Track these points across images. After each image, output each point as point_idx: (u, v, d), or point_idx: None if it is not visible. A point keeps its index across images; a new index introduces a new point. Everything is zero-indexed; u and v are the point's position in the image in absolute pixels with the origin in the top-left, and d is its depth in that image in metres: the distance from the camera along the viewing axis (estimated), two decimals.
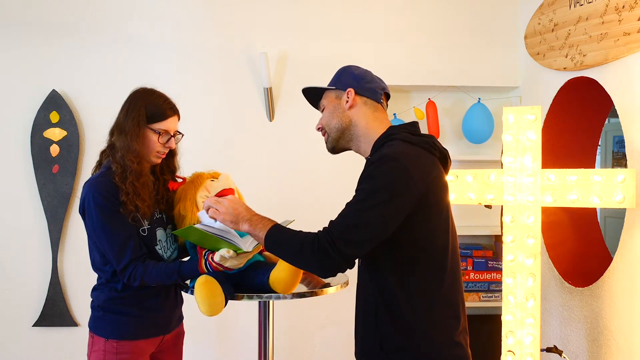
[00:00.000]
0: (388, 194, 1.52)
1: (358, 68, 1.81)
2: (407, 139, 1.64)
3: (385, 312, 1.61)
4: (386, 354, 1.61)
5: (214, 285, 1.80)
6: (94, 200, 1.91)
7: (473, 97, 3.50)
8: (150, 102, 1.99)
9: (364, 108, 1.74)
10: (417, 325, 1.59)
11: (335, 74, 1.81)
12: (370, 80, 1.78)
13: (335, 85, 1.78)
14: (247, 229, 1.68)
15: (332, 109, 1.77)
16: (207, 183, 2.06)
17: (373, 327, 1.63)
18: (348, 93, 1.74)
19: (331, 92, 1.79)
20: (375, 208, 1.52)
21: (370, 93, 1.76)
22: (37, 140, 3.17)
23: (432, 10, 3.39)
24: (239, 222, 1.69)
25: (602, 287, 2.46)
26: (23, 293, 3.19)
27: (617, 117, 2.42)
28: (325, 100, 1.80)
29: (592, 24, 2.53)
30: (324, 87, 1.80)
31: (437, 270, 1.61)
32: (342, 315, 3.27)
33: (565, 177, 2.27)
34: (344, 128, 1.75)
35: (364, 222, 1.52)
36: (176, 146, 2.12)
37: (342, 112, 1.75)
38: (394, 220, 1.54)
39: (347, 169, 2.99)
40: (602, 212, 5.42)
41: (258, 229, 1.65)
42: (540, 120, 2.32)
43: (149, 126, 1.97)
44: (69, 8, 3.21)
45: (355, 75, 1.77)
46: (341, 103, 1.75)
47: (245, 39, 3.29)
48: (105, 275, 2.01)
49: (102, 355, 1.97)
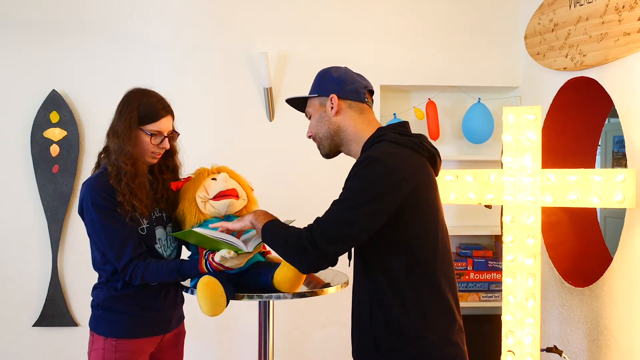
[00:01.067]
0: (371, 194, 1.54)
1: (337, 70, 1.78)
2: (395, 140, 1.64)
3: (379, 313, 1.61)
4: (381, 354, 1.61)
5: (216, 285, 1.80)
6: (92, 201, 1.92)
7: (473, 97, 3.50)
8: (142, 102, 1.97)
9: (350, 112, 1.73)
10: (411, 325, 1.59)
11: (315, 80, 1.79)
12: (351, 82, 1.75)
13: (318, 92, 1.76)
14: (250, 219, 1.78)
15: (319, 117, 1.76)
16: (206, 183, 2.02)
17: (368, 328, 1.64)
18: (332, 99, 1.72)
19: (315, 99, 1.77)
20: (358, 207, 1.54)
21: (353, 95, 1.74)
22: (37, 140, 3.17)
23: (432, 10, 3.39)
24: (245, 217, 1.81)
25: (602, 287, 2.46)
26: (23, 293, 3.19)
27: (617, 117, 2.42)
28: (310, 108, 1.80)
29: (592, 24, 2.53)
30: (305, 97, 1.80)
31: (428, 270, 1.61)
32: (342, 315, 3.26)
33: (565, 177, 2.27)
34: (332, 134, 1.75)
35: (346, 220, 1.54)
36: (175, 145, 2.12)
37: (329, 119, 1.74)
38: (377, 219, 1.55)
39: (347, 169, 2.99)
40: (602, 212, 5.42)
41: (259, 221, 1.74)
42: (540, 120, 2.32)
43: (141, 128, 1.96)
44: (69, 8, 3.21)
45: (335, 79, 1.74)
46: (326, 110, 1.74)
47: (245, 39, 3.29)
48: (105, 274, 2.01)
49: (101, 353, 1.97)
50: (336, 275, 2.15)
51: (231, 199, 2.01)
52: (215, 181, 2.02)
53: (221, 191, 2.00)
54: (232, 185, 2.04)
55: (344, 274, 2.16)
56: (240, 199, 2.05)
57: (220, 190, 2.00)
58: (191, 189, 2.02)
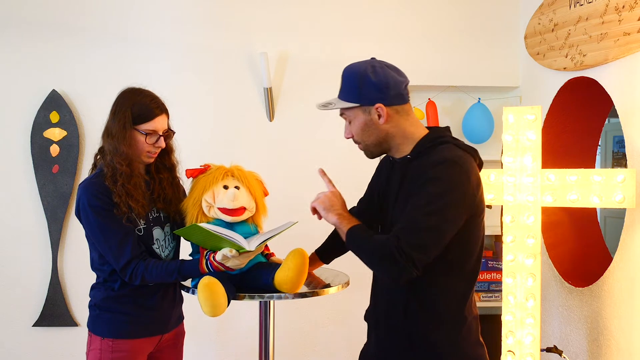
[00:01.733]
0: (453, 198, 1.53)
1: (374, 72, 1.65)
2: (457, 143, 1.65)
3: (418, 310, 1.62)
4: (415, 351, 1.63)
5: (217, 286, 1.79)
6: (89, 202, 1.91)
7: (473, 97, 3.50)
8: (136, 102, 1.96)
9: (397, 117, 1.67)
10: (451, 323, 1.62)
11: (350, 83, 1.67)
12: (393, 86, 1.66)
13: (359, 101, 1.66)
14: (334, 220, 1.70)
15: (364, 125, 1.67)
16: (216, 188, 1.95)
17: (400, 324, 1.64)
18: (378, 109, 1.64)
19: (356, 107, 1.67)
20: (442, 211, 1.52)
21: (398, 100, 1.67)
22: (37, 140, 3.17)
23: (432, 10, 3.39)
24: (329, 212, 1.72)
25: (602, 287, 2.46)
26: (23, 293, 3.19)
27: (617, 117, 2.42)
28: (350, 113, 1.69)
29: (592, 24, 2.53)
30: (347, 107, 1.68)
31: (470, 271, 1.65)
32: (342, 315, 3.26)
33: (565, 177, 2.27)
34: (381, 141, 1.69)
35: (431, 226, 1.51)
36: (171, 143, 2.10)
37: (377, 127, 1.67)
38: (458, 223, 1.55)
39: (347, 168, 3.00)
40: (602, 212, 5.41)
41: (343, 225, 1.67)
42: (540, 120, 2.32)
43: (135, 127, 1.95)
44: (68, 8, 3.20)
45: (376, 86, 1.64)
46: (372, 119, 1.66)
47: (245, 39, 3.29)
48: (103, 274, 2.01)
49: (99, 354, 1.97)
50: (337, 276, 2.15)
51: (236, 217, 1.96)
52: (225, 191, 1.95)
53: (227, 208, 1.94)
54: (239, 204, 1.96)
55: (345, 274, 2.16)
56: (247, 212, 1.99)
57: (226, 207, 1.94)
58: (200, 188, 1.97)
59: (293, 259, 1.82)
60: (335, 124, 3.36)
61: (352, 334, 3.24)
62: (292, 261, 1.82)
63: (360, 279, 2.23)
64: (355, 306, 2.95)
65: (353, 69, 1.69)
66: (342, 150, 3.33)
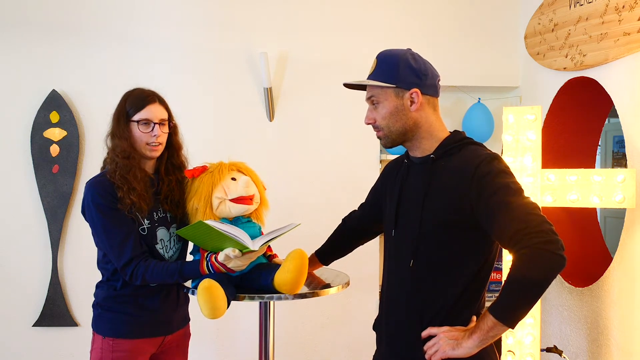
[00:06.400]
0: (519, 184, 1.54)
1: (414, 58, 1.62)
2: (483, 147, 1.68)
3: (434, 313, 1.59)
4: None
5: (217, 289, 1.78)
6: (93, 200, 1.93)
7: (473, 97, 3.50)
8: (129, 97, 2.01)
9: (427, 108, 1.64)
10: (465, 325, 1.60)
11: (388, 64, 1.62)
12: (431, 76, 1.63)
13: (396, 82, 1.59)
14: (476, 342, 1.48)
15: (394, 109, 1.61)
16: (225, 183, 1.95)
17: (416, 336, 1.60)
18: (413, 94, 1.60)
19: (390, 89, 1.61)
20: (524, 194, 1.51)
21: (432, 90, 1.64)
22: (37, 140, 3.17)
23: (432, 10, 3.39)
24: (463, 341, 1.49)
25: (602, 287, 2.46)
26: (23, 293, 3.19)
27: (617, 117, 2.42)
28: (379, 95, 1.62)
29: (592, 24, 2.53)
30: (383, 86, 1.61)
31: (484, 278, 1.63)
32: (342, 316, 3.26)
33: (565, 177, 2.28)
34: (407, 130, 1.63)
35: (534, 206, 1.48)
36: (179, 140, 2.11)
37: (407, 114, 1.61)
38: None
39: (347, 169, 3.00)
40: (602, 212, 5.41)
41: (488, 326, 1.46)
42: (540, 120, 2.32)
43: (130, 120, 1.98)
44: (69, 8, 3.20)
45: (416, 71, 1.60)
46: (404, 103, 1.61)
47: (245, 39, 3.29)
48: (106, 273, 2.02)
49: (100, 353, 1.98)
50: (337, 276, 2.15)
51: (249, 206, 1.97)
52: (235, 182, 1.96)
53: (242, 196, 1.95)
54: (252, 191, 1.98)
55: (345, 274, 2.16)
56: (254, 203, 2.00)
57: (240, 195, 1.95)
58: (207, 187, 1.96)
59: (292, 260, 1.82)
60: (336, 124, 3.37)
61: (352, 334, 3.25)
62: (291, 262, 1.82)
63: (360, 279, 2.23)
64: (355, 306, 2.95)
65: (391, 52, 1.66)
66: (342, 151, 3.34)
